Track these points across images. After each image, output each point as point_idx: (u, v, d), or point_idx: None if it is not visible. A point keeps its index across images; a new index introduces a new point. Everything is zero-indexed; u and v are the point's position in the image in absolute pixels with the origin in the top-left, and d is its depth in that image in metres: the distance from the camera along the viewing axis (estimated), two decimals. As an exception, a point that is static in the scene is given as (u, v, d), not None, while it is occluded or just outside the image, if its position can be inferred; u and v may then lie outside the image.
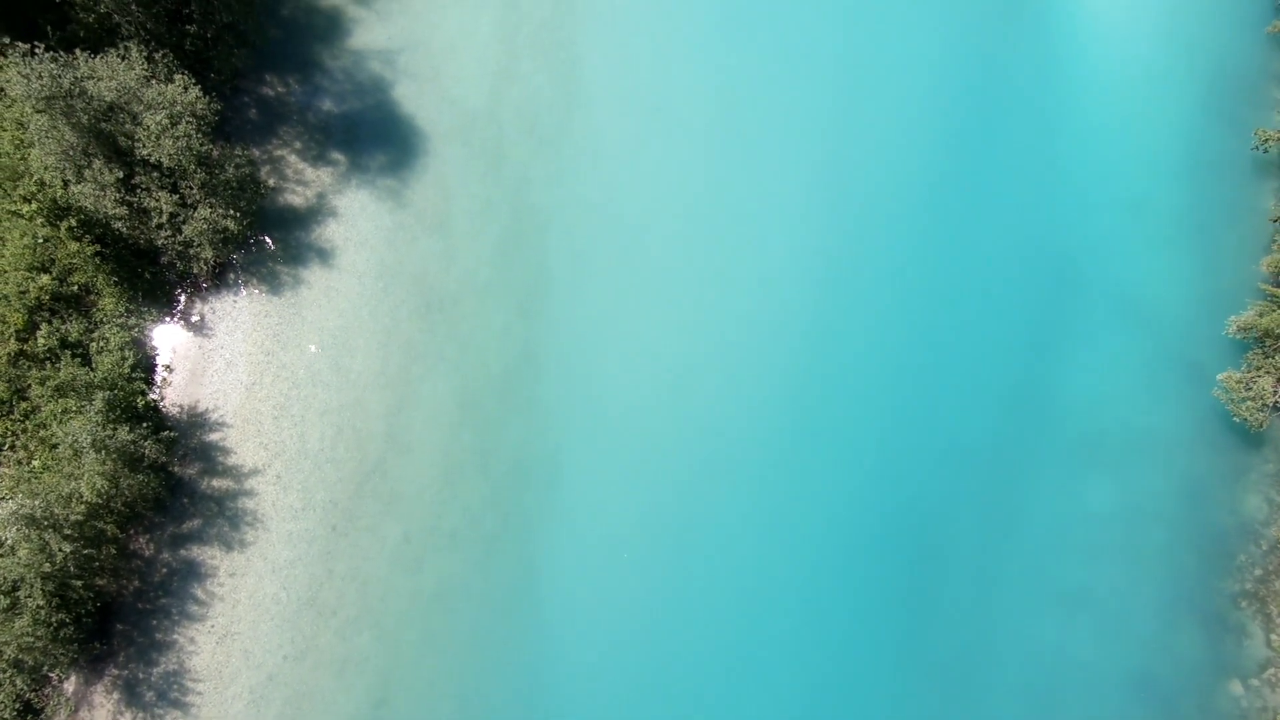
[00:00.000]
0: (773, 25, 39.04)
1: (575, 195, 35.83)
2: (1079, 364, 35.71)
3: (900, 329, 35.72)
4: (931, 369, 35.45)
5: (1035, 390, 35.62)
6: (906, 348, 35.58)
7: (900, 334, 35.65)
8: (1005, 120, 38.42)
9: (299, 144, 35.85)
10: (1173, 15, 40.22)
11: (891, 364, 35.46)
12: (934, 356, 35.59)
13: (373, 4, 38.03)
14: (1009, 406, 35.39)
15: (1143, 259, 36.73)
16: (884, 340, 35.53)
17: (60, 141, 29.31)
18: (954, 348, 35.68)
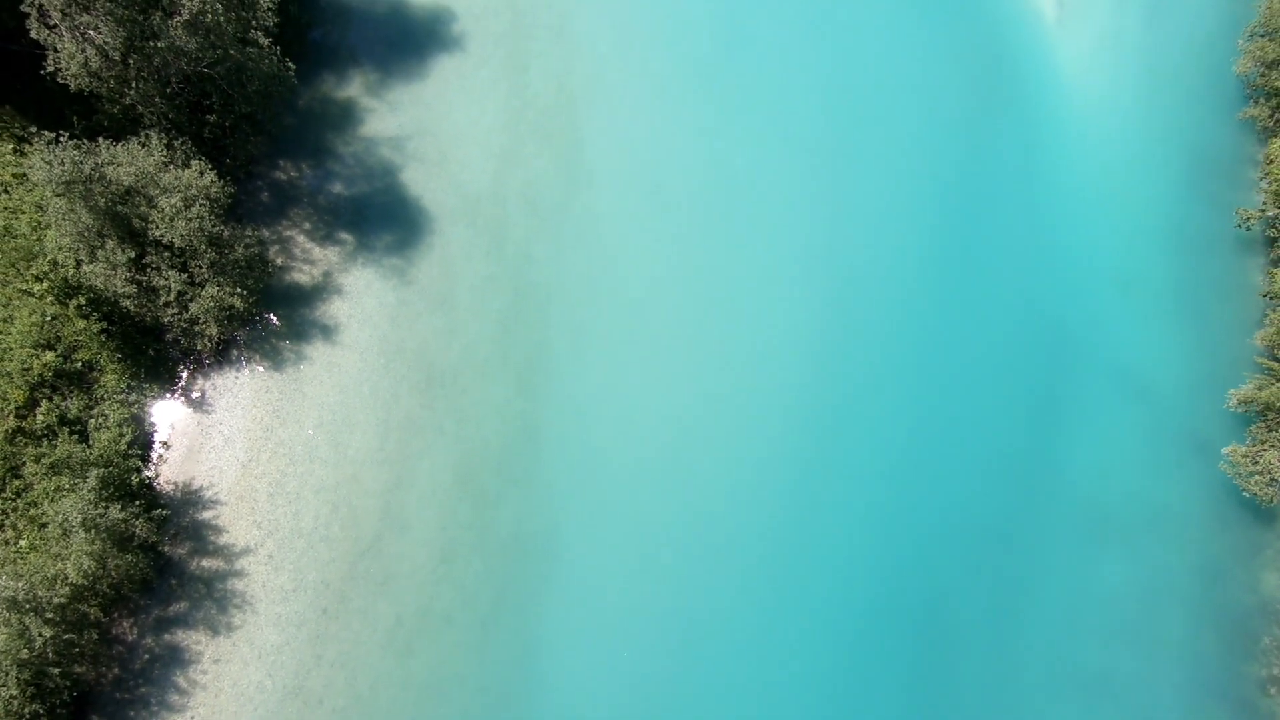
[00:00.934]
0: (768, 110, 40.94)
1: (576, 272, 36.59)
2: (1083, 439, 35.55)
3: (901, 407, 35.71)
4: (935, 448, 35.23)
5: (1041, 467, 35.30)
6: (908, 426, 35.48)
7: (901, 412, 35.61)
8: (995, 203, 39.66)
9: (308, 224, 36.90)
10: (1150, 103, 42.21)
11: (894, 443, 35.27)
12: (937, 435, 35.45)
13: (385, 95, 39.99)
14: (1015, 484, 34.99)
15: (1138, 334, 37.14)
16: (886, 419, 35.45)
17: (76, 223, 30.18)
18: (957, 426, 35.55)
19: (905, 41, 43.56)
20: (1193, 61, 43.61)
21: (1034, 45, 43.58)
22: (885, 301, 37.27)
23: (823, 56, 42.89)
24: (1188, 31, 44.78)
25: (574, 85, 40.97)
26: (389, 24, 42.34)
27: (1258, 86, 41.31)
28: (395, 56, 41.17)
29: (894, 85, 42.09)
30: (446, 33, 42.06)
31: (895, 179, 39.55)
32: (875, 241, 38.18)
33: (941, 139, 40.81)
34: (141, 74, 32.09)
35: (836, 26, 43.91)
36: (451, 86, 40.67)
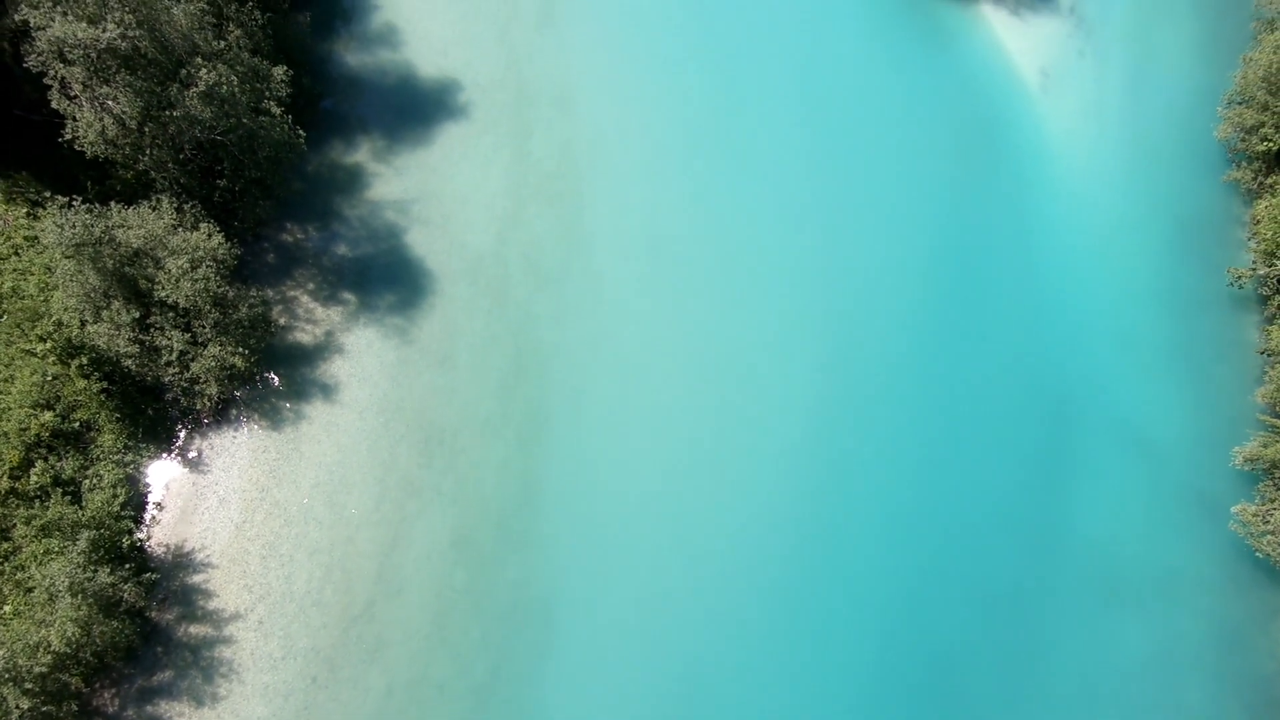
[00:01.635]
0: (764, 174, 42.02)
1: (577, 331, 36.86)
2: (1090, 499, 35.08)
3: (904, 467, 35.34)
4: (939, 509, 34.71)
5: (1048, 528, 34.71)
6: (911, 486, 35.05)
7: (904, 473, 35.20)
8: (990, 264, 40.25)
9: (312, 285, 37.37)
10: (1135, 167, 43.43)
11: (898, 503, 34.77)
12: (940, 496, 34.98)
13: (392, 160, 41.15)
14: (1023, 545, 34.34)
15: (1139, 391, 37.14)
16: (889, 480, 35.03)
17: (83, 284, 30.59)
18: (961, 488, 35.08)
19: (896, 109, 45.10)
20: (1174, 128, 45.10)
21: (1021, 113, 45.11)
22: (885, 360, 37.39)
23: (816, 122, 44.31)
24: (1168, 100, 46.46)
25: (576, 151, 42.21)
26: (398, 93, 43.94)
27: (1239, 151, 42.61)
28: (403, 124, 42.56)
29: (886, 150, 43.39)
30: (453, 102, 43.63)
31: (890, 241, 40.30)
32: (872, 301, 38.60)
33: (934, 203, 41.76)
34: (156, 141, 33.10)
35: (828, 93, 45.55)
36: (456, 152, 41.90)
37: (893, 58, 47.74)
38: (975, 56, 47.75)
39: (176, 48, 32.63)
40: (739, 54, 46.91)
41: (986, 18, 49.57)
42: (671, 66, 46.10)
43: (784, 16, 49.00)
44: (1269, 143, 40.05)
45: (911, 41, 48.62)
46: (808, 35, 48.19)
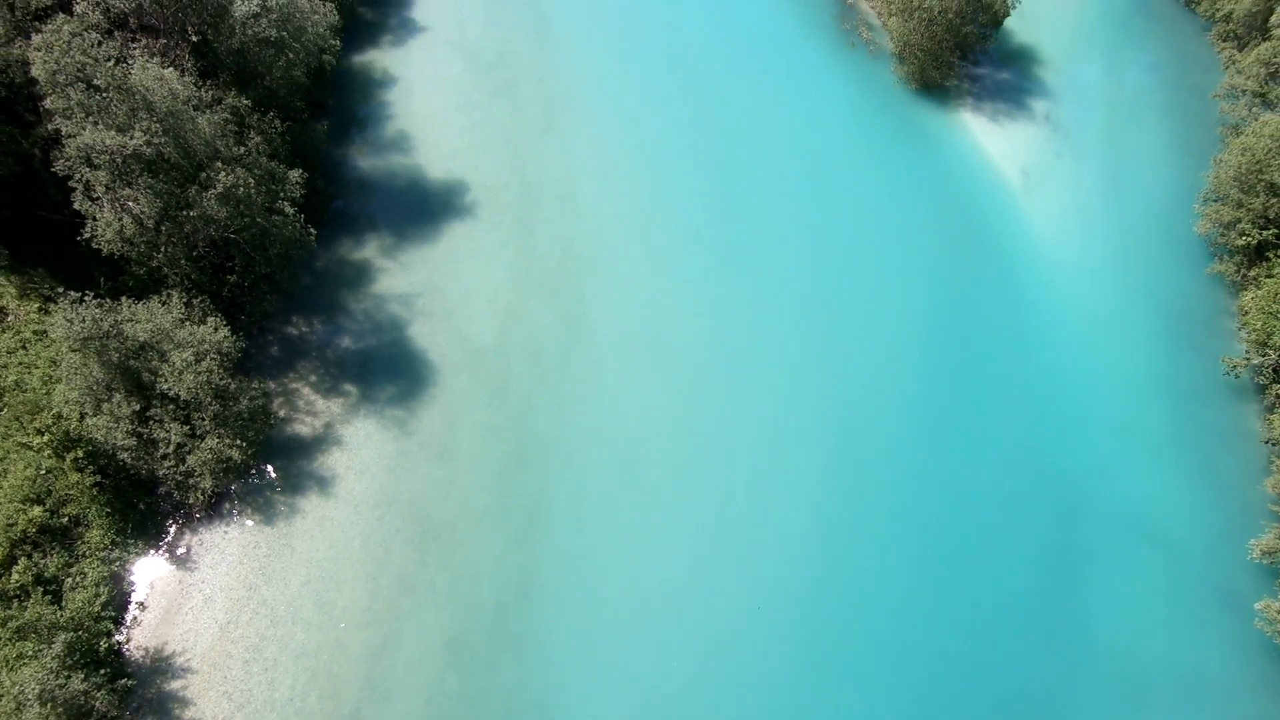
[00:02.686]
0: (761, 270, 43.19)
1: (577, 424, 36.75)
2: (1108, 596, 33.74)
3: (912, 566, 34.00)
4: (949, 611, 33.21)
5: (1068, 627, 33.17)
6: (919, 588, 33.60)
7: (913, 571, 33.87)
8: (987, 357, 40.62)
9: (314, 377, 37.59)
10: (1121, 261, 44.78)
11: (906, 607, 33.25)
12: (951, 597, 33.53)
13: (399, 256, 42.39)
14: (1040, 649, 32.66)
15: (1148, 483, 36.56)
16: (895, 580, 33.67)
17: (87, 377, 30.77)
18: (975, 586, 33.63)
19: (887, 205, 46.96)
20: (1155, 223, 46.82)
21: (1006, 211, 46.95)
22: (888, 453, 36.97)
23: (810, 218, 46.01)
24: (1146, 197, 48.50)
25: (578, 247, 43.59)
26: (407, 194, 45.85)
27: (1220, 245, 44.04)
28: (411, 222, 44.15)
29: (879, 244, 44.82)
30: (460, 201, 45.46)
31: (887, 335, 40.88)
32: (872, 395, 38.64)
33: (929, 296, 42.70)
34: (172, 240, 34.21)
35: (821, 191, 47.55)
36: (462, 248, 43.24)
37: (881, 158, 50.18)
38: (959, 157, 50.21)
39: (199, 153, 34.29)
40: (734, 154, 49.34)
41: (966, 122, 52.52)
42: (669, 166, 48.39)
43: (775, 118, 51.89)
44: (1247, 238, 41.47)
45: (898, 143, 51.25)
46: (799, 136, 50.86)
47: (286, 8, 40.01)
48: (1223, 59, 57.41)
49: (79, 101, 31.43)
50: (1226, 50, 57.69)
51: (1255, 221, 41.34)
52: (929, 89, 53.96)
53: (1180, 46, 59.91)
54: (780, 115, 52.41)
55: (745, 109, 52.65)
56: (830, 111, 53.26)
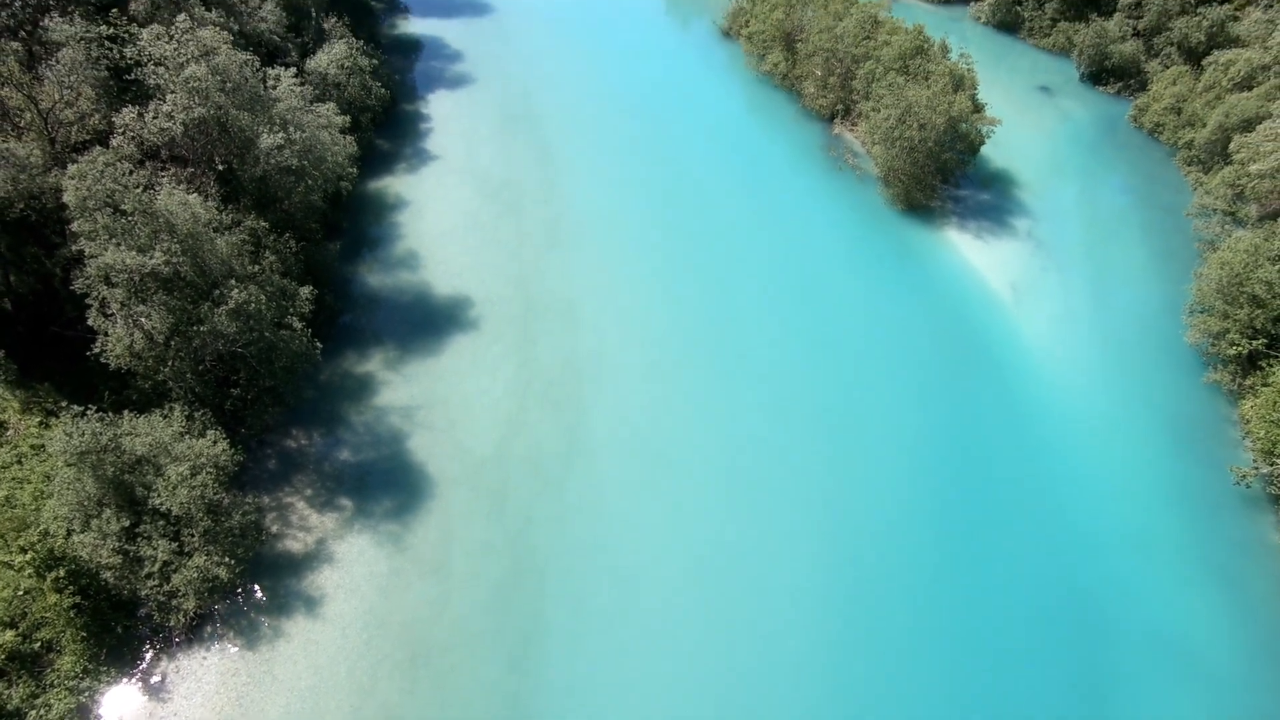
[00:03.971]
0: (761, 379, 43.53)
1: (576, 538, 35.72)
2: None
3: (931, 701, 31.67)
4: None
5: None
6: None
7: (933, 704, 31.60)
8: (991, 470, 40.07)
9: (310, 491, 36.96)
10: (1117, 372, 45.23)
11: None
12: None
13: (402, 369, 42.90)
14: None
15: (1173, 599, 34.91)
16: (916, 713, 31.36)
17: (79, 492, 30.24)
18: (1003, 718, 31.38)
19: (882, 319, 48.05)
20: (1146, 334, 47.72)
21: (998, 323, 48.00)
22: (896, 578, 35.37)
23: (808, 330, 46.94)
24: (1133, 309, 49.73)
25: (579, 359, 44.22)
26: (414, 309, 47.08)
27: (1211, 354, 44.67)
28: (416, 336, 45.05)
29: (876, 356, 45.44)
30: (465, 316, 46.60)
31: (889, 448, 40.53)
32: (876, 514, 37.61)
33: (930, 410, 42.75)
34: (179, 354, 34.73)
35: (817, 305, 48.79)
36: (465, 361, 43.84)
37: (874, 273, 51.93)
38: (949, 272, 51.97)
39: (214, 271, 35.53)
40: (731, 271, 51.11)
41: (953, 240, 54.80)
42: (669, 282, 49.99)
43: (770, 236, 54.17)
44: (1237, 347, 42.14)
45: (890, 258, 53.22)
46: (794, 252, 52.88)
47: (309, 140, 42.80)
48: (1190, 181, 60.84)
49: (104, 225, 32.92)
50: (1193, 173, 61.25)
51: (1243, 331, 42.17)
52: (914, 209, 56.77)
53: (1149, 170, 63.65)
54: (775, 233, 54.83)
55: (741, 228, 55.15)
56: (823, 230, 55.74)
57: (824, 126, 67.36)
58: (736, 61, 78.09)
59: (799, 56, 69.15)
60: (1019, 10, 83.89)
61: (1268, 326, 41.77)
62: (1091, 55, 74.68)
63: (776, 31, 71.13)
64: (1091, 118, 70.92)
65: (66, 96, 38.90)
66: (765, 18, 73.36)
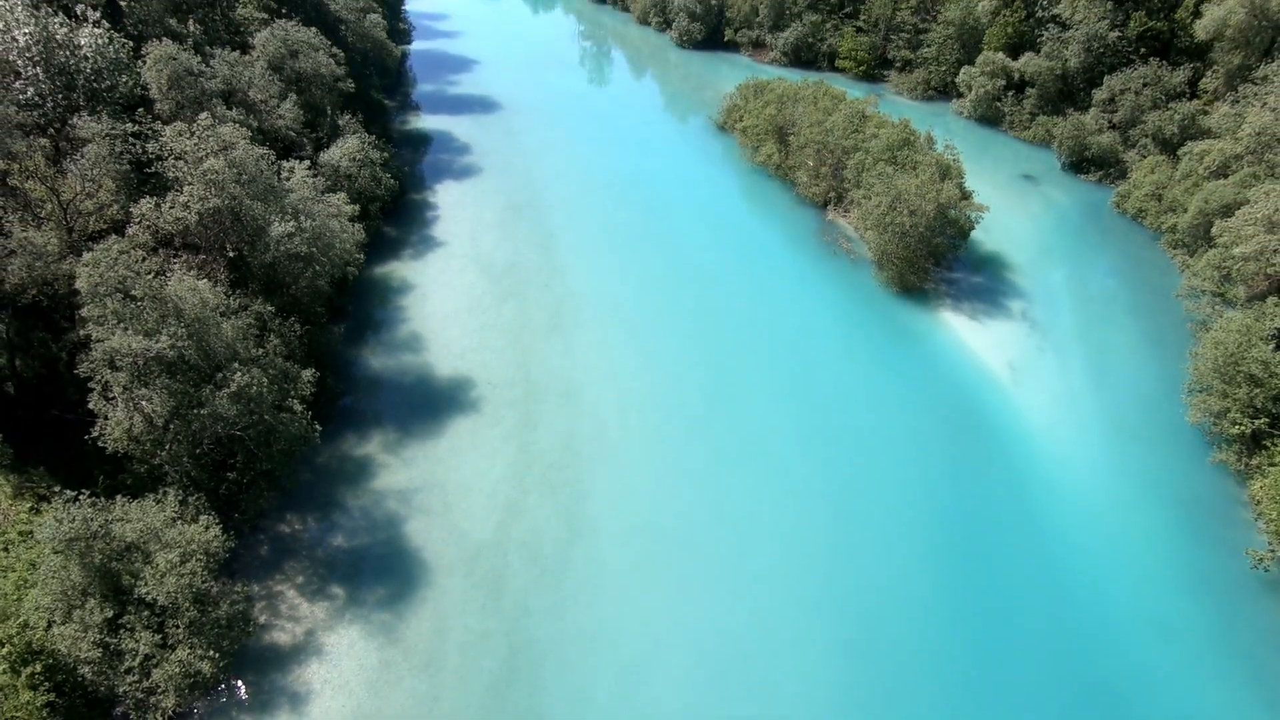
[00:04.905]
0: (762, 461, 43.11)
1: (575, 628, 34.40)
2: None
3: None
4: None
5: None
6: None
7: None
8: (1001, 556, 38.95)
9: (301, 579, 35.93)
10: (1121, 452, 44.87)
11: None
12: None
13: (401, 452, 42.59)
14: None
15: (1200, 692, 33.22)
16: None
17: (64, 581, 29.36)
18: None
19: (884, 399, 48.09)
20: (1147, 413, 47.64)
21: (999, 403, 48.03)
22: (905, 670, 33.96)
23: (808, 411, 46.87)
24: (1132, 389, 49.88)
25: (579, 442, 43.97)
26: (415, 391, 47.24)
27: (1215, 433, 44.46)
28: (416, 418, 44.98)
29: (879, 437, 45.17)
30: (466, 398, 46.70)
31: (895, 532, 39.63)
32: (883, 601, 36.34)
33: (933, 490, 42.16)
34: (178, 438, 34.56)
35: (817, 385, 48.94)
36: (464, 443, 43.59)
37: (872, 354, 52.41)
38: (946, 353, 52.45)
39: (218, 355, 35.86)
40: (730, 353, 51.60)
41: (948, 321, 55.62)
42: (669, 364, 50.35)
43: (768, 319, 54.98)
44: (1240, 426, 41.98)
45: (887, 340, 53.83)
46: (791, 335, 53.53)
47: (319, 228, 44.18)
48: (1177, 263, 62.37)
49: (114, 310, 33.49)
50: (1178, 256, 62.88)
51: (1244, 410, 42.13)
52: (909, 291, 57.92)
53: (1135, 253, 65.39)
54: (773, 316, 55.71)
55: (739, 311, 56.09)
56: (820, 312, 56.69)
57: (817, 213, 69.67)
58: (731, 153, 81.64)
59: (791, 148, 72.36)
60: (999, 105, 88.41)
61: (1268, 405, 41.76)
62: (1071, 146, 78.17)
63: (769, 126, 74.74)
64: (1075, 204, 73.46)
65: (88, 188, 40.41)
66: (758, 113, 77.29)
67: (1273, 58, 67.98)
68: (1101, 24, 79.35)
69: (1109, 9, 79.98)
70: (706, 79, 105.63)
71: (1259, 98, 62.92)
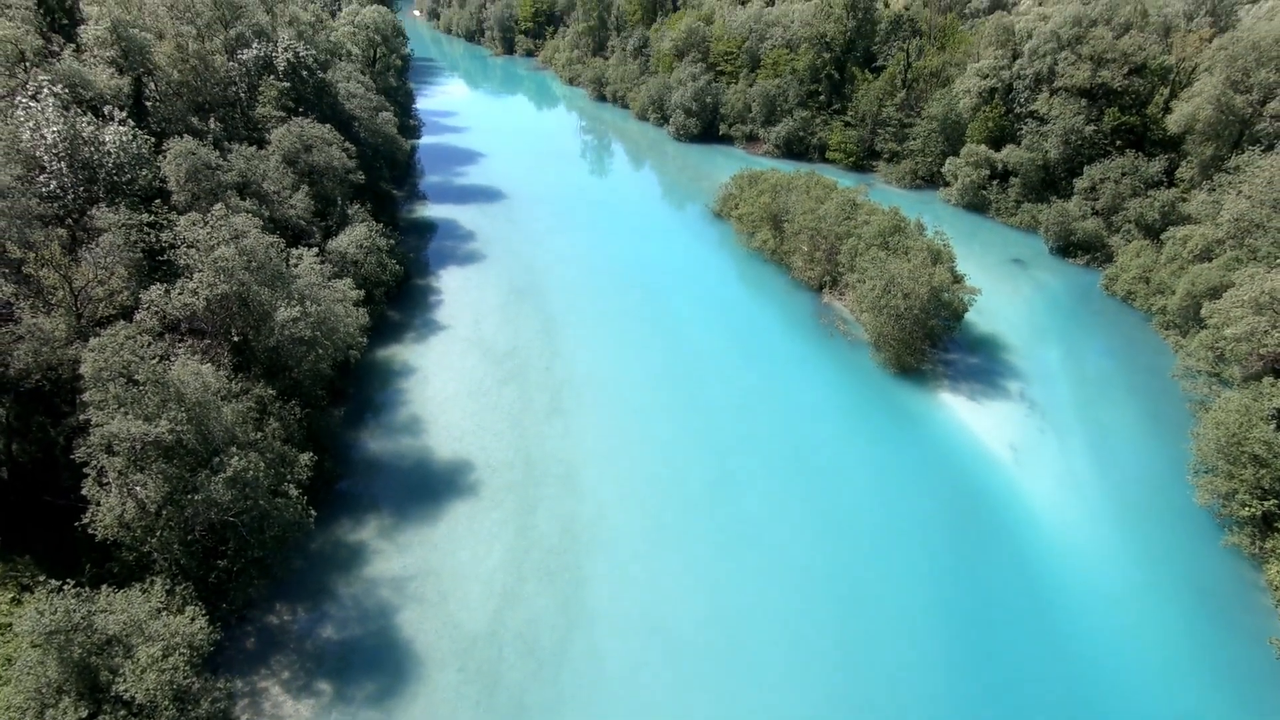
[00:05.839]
0: (764, 546, 42.10)
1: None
2: None
3: None
4: None
5: None
6: None
7: None
8: (1017, 646, 37.67)
9: (287, 674, 34.40)
10: (1131, 533, 43.95)
11: None
12: None
13: (396, 537, 41.71)
14: None
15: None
16: None
17: (39, 678, 28.09)
18: None
19: (887, 482, 47.50)
20: (1153, 495, 46.96)
21: (1003, 487, 47.38)
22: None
23: (809, 495, 46.18)
24: (1136, 470, 49.36)
25: (578, 527, 43.15)
26: (412, 475, 46.73)
27: (1224, 515, 43.70)
28: (413, 503, 44.31)
29: (883, 522, 44.33)
30: (464, 482, 46.15)
31: (901, 622, 38.32)
32: (892, 693, 35.03)
33: (940, 576, 41.03)
34: (169, 524, 33.93)
35: (817, 469, 48.44)
36: (461, 528, 42.75)
37: (873, 436, 52.15)
38: (947, 435, 52.22)
39: (216, 439, 35.70)
40: (730, 436, 51.36)
41: (947, 402, 55.68)
42: (669, 448, 50.03)
43: (767, 401, 55.02)
44: (1250, 508, 41.34)
45: (888, 421, 53.69)
46: (791, 417, 53.44)
47: (324, 313, 44.94)
48: (1170, 344, 63.09)
49: (115, 395, 33.59)
50: (1171, 336, 63.68)
51: (1252, 492, 41.60)
52: (907, 372, 58.31)
53: (1128, 334, 66.25)
54: (772, 398, 55.83)
55: (738, 393, 56.27)
56: (819, 393, 56.84)
57: (813, 296, 71.06)
58: (728, 239, 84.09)
59: (786, 234, 74.59)
60: (985, 193, 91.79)
61: (1276, 486, 41.26)
62: (1057, 232, 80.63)
63: (764, 213, 77.34)
64: (1065, 286, 75.05)
65: (100, 275, 41.38)
66: (753, 202, 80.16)
67: (1242, 149, 71.13)
68: (1077, 119, 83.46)
69: (1083, 105, 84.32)
70: (703, 169, 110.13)
71: (1234, 185, 65.42)
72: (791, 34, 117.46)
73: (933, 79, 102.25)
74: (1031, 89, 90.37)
